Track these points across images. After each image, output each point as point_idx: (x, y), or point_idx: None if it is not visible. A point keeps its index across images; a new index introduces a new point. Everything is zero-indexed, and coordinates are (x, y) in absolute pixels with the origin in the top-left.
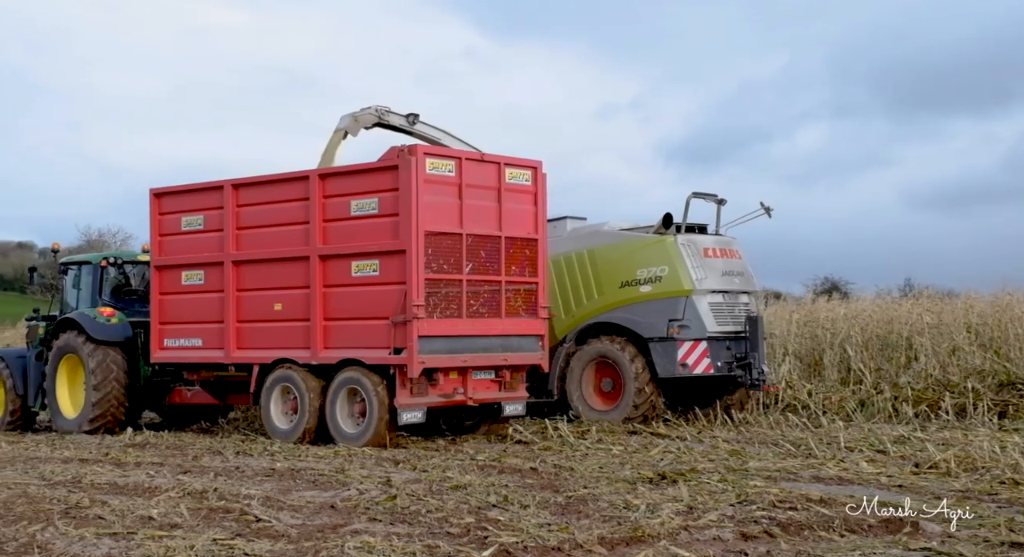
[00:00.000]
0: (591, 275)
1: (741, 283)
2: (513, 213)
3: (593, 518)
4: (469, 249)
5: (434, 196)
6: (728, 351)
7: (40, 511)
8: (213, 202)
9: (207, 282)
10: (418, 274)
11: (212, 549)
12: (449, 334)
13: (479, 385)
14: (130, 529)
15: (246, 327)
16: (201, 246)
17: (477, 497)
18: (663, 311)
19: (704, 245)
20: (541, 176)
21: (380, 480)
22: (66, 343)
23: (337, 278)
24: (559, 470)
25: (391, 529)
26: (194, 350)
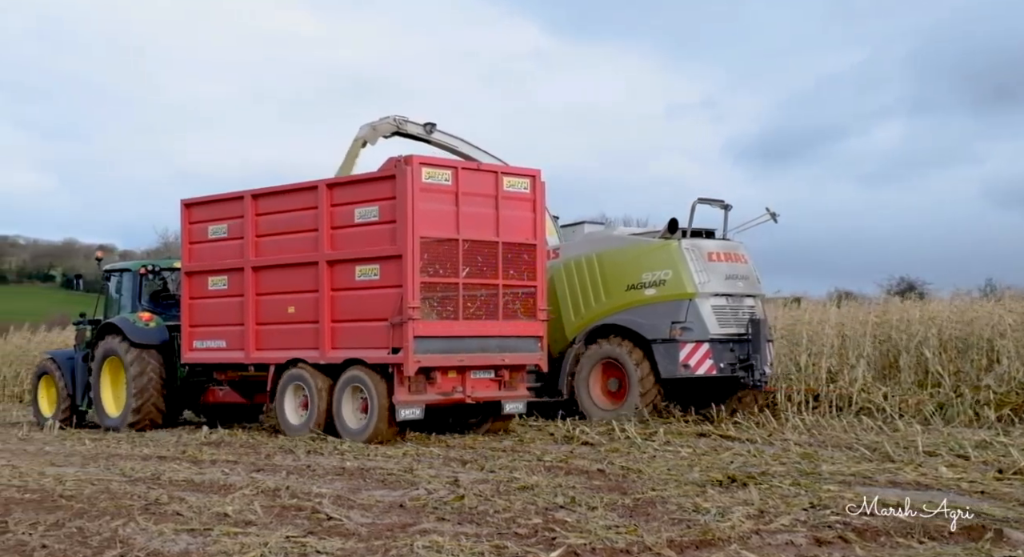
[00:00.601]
0: (599, 278)
1: (745, 287)
2: (511, 219)
3: (662, 521)
4: (466, 254)
5: (430, 204)
6: (732, 353)
7: (122, 507)
8: (235, 211)
9: (230, 287)
10: (414, 278)
11: (285, 546)
12: (445, 335)
13: (478, 384)
14: (206, 525)
15: (264, 329)
16: (225, 253)
17: (544, 498)
18: (666, 313)
19: (708, 249)
20: (540, 184)
21: (448, 480)
22: (109, 346)
23: (343, 282)
24: (626, 472)
25: (459, 529)
26: (219, 351)
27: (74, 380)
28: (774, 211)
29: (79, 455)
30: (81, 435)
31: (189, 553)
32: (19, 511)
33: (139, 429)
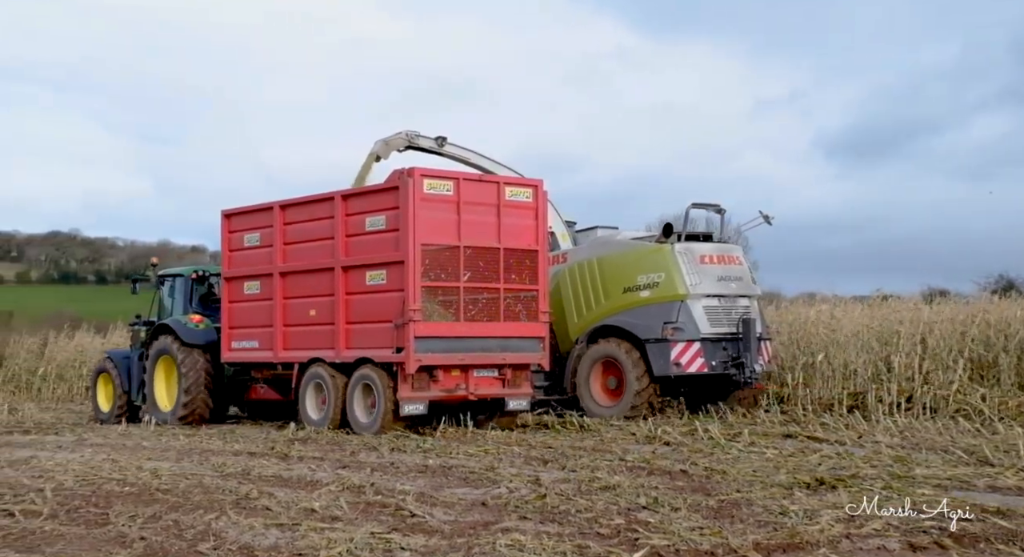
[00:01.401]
0: (599, 281)
1: (739, 288)
2: (513, 227)
3: (747, 523)
4: (467, 260)
5: (432, 213)
6: (724, 351)
7: (214, 501)
8: (266, 221)
9: (262, 291)
10: (415, 282)
11: (370, 542)
12: (446, 335)
13: (481, 382)
14: (294, 520)
15: (289, 330)
16: (257, 260)
17: (626, 498)
18: (659, 314)
19: (701, 252)
20: (542, 193)
21: (529, 479)
22: (162, 345)
23: (355, 286)
24: (710, 473)
25: (541, 528)
26: (253, 351)
27: (129, 377)
28: (767, 214)
29: (174, 450)
30: (176, 431)
31: (278, 547)
32: (119, 504)
33: (187, 423)
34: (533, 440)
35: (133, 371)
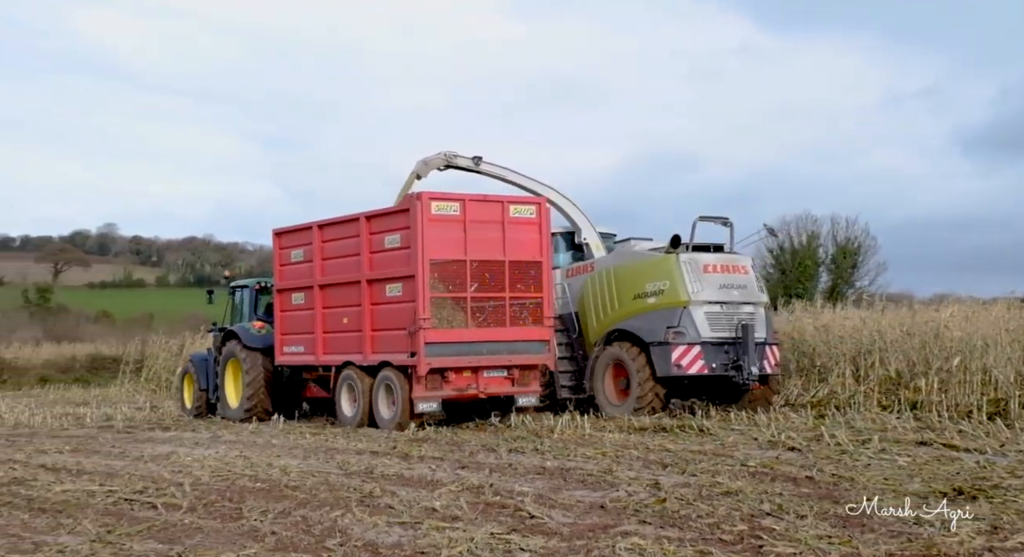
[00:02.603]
0: (614, 288)
1: (741, 295)
2: (517, 242)
3: (879, 532)
4: (474, 272)
5: (440, 231)
6: (726, 354)
7: (340, 498)
8: (308, 239)
9: (306, 302)
10: (424, 293)
11: (490, 542)
12: (455, 340)
13: (491, 382)
14: (416, 519)
15: (327, 337)
16: (302, 274)
17: (749, 504)
18: (663, 319)
19: (705, 262)
20: (545, 210)
21: (648, 482)
22: (230, 349)
23: (378, 297)
24: (838, 480)
25: (661, 532)
26: (300, 355)
27: (207, 377)
28: (771, 227)
29: (301, 448)
30: (303, 429)
31: (401, 545)
32: (251, 499)
33: (249, 418)
34: (651, 443)
35: (209, 372)
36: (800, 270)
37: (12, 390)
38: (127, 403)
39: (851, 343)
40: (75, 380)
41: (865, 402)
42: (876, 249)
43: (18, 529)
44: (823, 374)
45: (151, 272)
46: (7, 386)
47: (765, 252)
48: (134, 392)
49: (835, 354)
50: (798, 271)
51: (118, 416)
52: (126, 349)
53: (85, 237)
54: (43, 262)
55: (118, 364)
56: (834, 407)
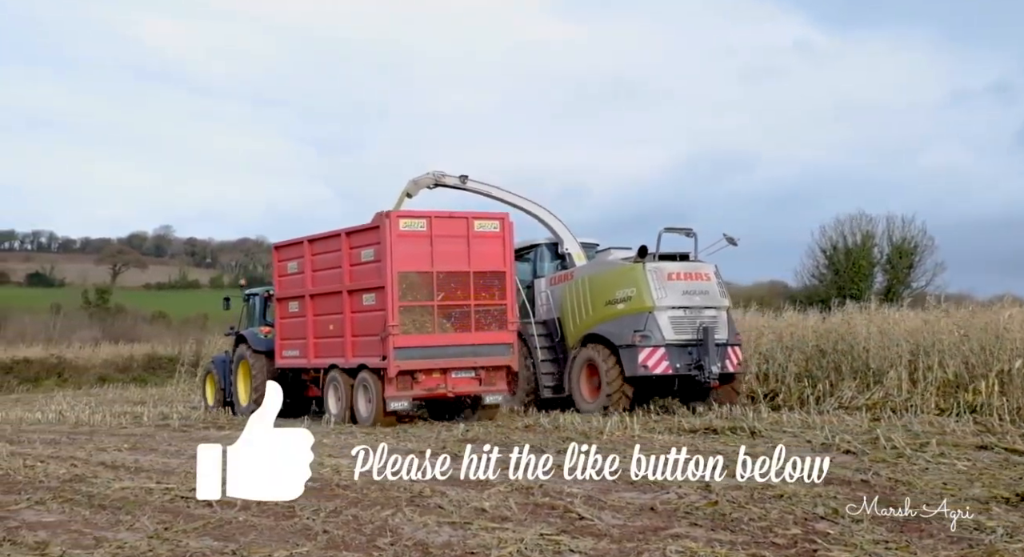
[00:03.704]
0: (589, 295)
1: (703, 300)
2: (482, 254)
3: (938, 538)
4: (440, 282)
5: (407, 246)
6: (689, 355)
7: (390, 498)
8: (300, 253)
9: (300, 310)
10: (393, 302)
11: (540, 543)
12: (423, 345)
13: (459, 382)
14: (466, 519)
15: (317, 342)
16: (297, 284)
17: (803, 507)
18: (630, 324)
19: (669, 270)
20: (508, 224)
21: (699, 485)
22: (240, 352)
23: (357, 306)
24: (895, 484)
25: (712, 535)
26: (295, 358)
27: (225, 377)
28: (731, 236)
29: (351, 448)
30: (352, 429)
31: (451, 545)
32: (304, 498)
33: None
34: (702, 445)
35: (227, 372)
36: (854, 270)
37: (73, 389)
38: (183, 402)
39: (908, 345)
40: (132, 379)
41: (922, 405)
42: (933, 249)
43: (80, 525)
44: (878, 376)
45: (205, 273)
46: (68, 385)
47: (818, 253)
48: (189, 391)
49: (891, 356)
50: (852, 271)
51: (174, 415)
52: (181, 349)
53: (142, 239)
54: (102, 264)
55: (174, 364)
56: (889, 410)
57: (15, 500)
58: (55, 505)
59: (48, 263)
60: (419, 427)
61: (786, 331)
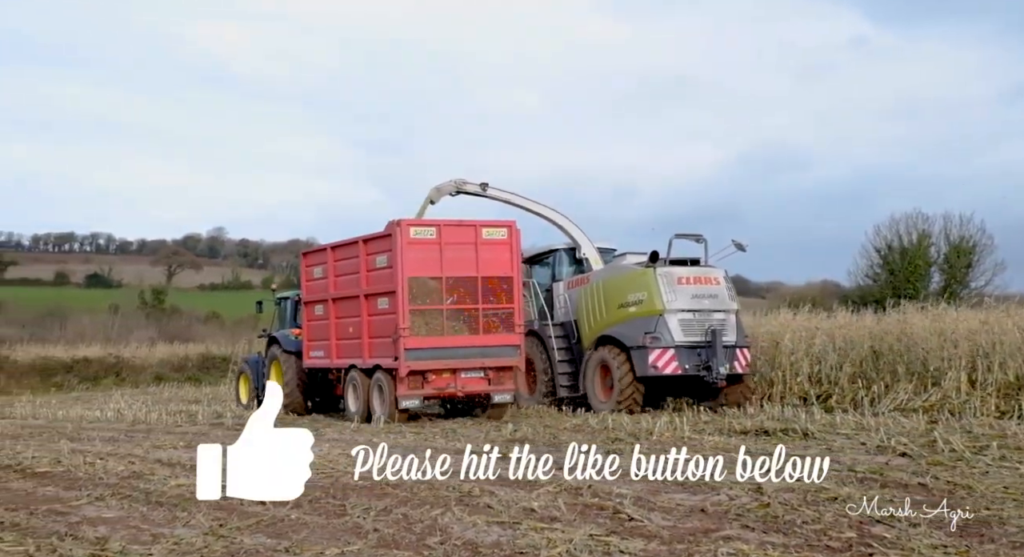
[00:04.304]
0: (603, 299)
1: (712, 303)
2: (489, 260)
3: (999, 543)
4: (450, 287)
5: (418, 253)
6: (698, 356)
7: (439, 497)
8: (324, 259)
9: (324, 313)
10: (403, 306)
11: (589, 544)
12: (432, 346)
13: (469, 382)
14: (515, 519)
15: (339, 343)
16: (321, 288)
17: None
18: (642, 326)
19: (679, 275)
20: (515, 231)
21: (750, 487)
22: (273, 353)
23: (372, 309)
24: (953, 487)
25: (764, 537)
26: (321, 359)
27: (258, 376)
28: (740, 242)
29: (401, 447)
30: (403, 429)
31: (500, 545)
32: (354, 497)
33: (286, 412)
34: (753, 447)
35: (260, 372)
36: (910, 270)
37: (130, 387)
38: (236, 401)
39: (967, 346)
40: (187, 379)
41: (981, 407)
42: (993, 248)
43: (137, 521)
44: (935, 378)
45: (257, 274)
46: (126, 384)
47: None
48: None
49: (949, 357)
50: (908, 271)
51: (228, 414)
52: (235, 349)
53: (196, 240)
54: (158, 265)
55: (227, 363)
56: (947, 412)
57: (76, 496)
58: (114, 501)
59: (106, 264)
60: (468, 428)
61: (839, 332)
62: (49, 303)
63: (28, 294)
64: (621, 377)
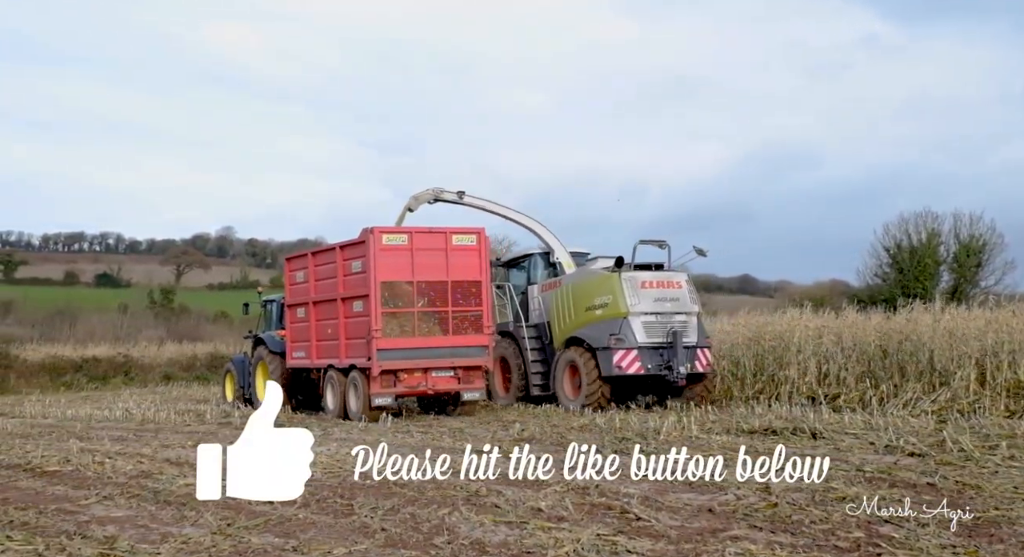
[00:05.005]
0: (572, 302)
1: (674, 306)
2: (459, 265)
3: (1008, 543)
4: (421, 290)
5: (390, 258)
6: (660, 356)
7: (447, 497)
8: (305, 264)
9: (305, 315)
10: (376, 309)
11: (596, 544)
12: (403, 347)
13: (439, 380)
14: (522, 519)
15: (319, 344)
16: (303, 292)
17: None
18: (607, 328)
19: (642, 279)
20: (484, 238)
21: (758, 486)
22: (259, 353)
23: (348, 312)
24: (962, 487)
25: (772, 537)
26: (302, 359)
27: (244, 376)
28: (701, 248)
29: (408, 447)
30: (410, 428)
31: (507, 544)
32: (362, 496)
33: None
34: (761, 447)
35: (245, 371)
36: (919, 269)
37: (139, 387)
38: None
39: (976, 345)
40: (196, 378)
41: (991, 407)
42: (1003, 247)
43: (146, 520)
44: (944, 378)
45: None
46: (134, 383)
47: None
48: None
49: (958, 357)
50: (917, 270)
51: (236, 413)
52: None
53: (205, 240)
54: (167, 264)
55: None
56: (956, 412)
57: (85, 495)
58: (122, 500)
59: (115, 264)
60: (475, 428)
61: (847, 331)
62: (59, 302)
63: (38, 294)
64: (588, 376)
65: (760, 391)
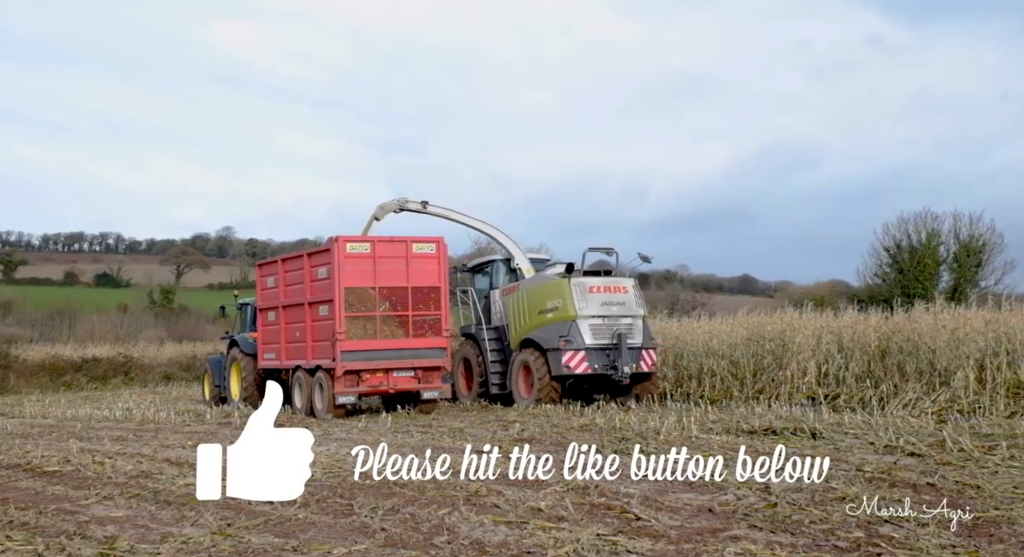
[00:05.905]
0: (526, 306)
1: (620, 310)
2: (419, 272)
3: (1008, 543)
4: (383, 296)
5: (353, 266)
6: (607, 357)
7: (447, 496)
8: (275, 270)
9: (276, 318)
10: (340, 313)
11: (596, 544)
12: (366, 349)
13: (400, 380)
14: (522, 519)
15: (288, 346)
16: (273, 297)
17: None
18: (557, 330)
19: (590, 284)
20: (443, 246)
21: (758, 486)
22: (233, 354)
23: (315, 316)
24: (962, 487)
25: (772, 537)
26: (272, 360)
27: (220, 375)
28: (645, 255)
29: (408, 446)
30: (411, 428)
31: (507, 544)
32: (361, 496)
33: (246, 406)
34: (761, 447)
35: (221, 371)
36: (919, 269)
37: (139, 387)
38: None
39: (976, 345)
40: (196, 378)
41: (991, 407)
42: (1003, 247)
43: (146, 520)
44: (944, 378)
45: None
46: (134, 383)
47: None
48: None
49: (958, 357)
50: (917, 270)
51: (236, 413)
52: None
53: (205, 240)
54: (167, 264)
55: None
56: (956, 412)
57: (84, 495)
58: (122, 500)
59: (115, 264)
60: (476, 427)
61: (847, 331)
62: (58, 302)
63: (38, 293)
64: (540, 376)
65: (760, 391)
